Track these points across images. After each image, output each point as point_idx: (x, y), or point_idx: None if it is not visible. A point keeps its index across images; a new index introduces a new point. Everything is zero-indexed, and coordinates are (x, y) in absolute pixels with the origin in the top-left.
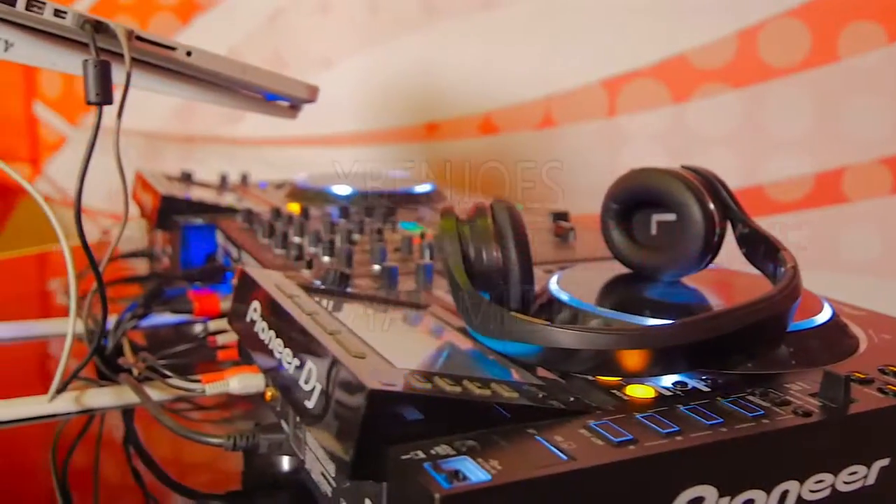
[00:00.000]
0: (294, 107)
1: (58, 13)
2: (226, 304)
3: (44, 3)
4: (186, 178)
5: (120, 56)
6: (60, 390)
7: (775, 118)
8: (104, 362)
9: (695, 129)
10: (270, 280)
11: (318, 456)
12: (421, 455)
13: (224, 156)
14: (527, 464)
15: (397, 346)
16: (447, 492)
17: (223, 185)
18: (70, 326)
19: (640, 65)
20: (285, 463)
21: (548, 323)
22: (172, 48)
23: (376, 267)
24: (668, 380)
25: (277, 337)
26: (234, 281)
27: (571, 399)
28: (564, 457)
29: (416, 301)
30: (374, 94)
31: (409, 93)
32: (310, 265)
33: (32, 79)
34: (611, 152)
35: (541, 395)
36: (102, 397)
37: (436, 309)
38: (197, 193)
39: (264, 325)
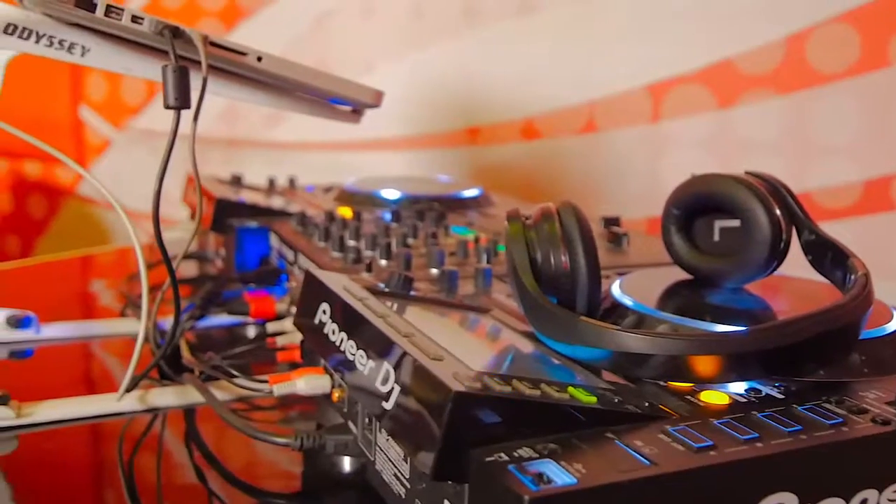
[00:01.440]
0: (357, 111)
1: (135, 19)
2: (281, 306)
3: (122, 10)
4: (236, 181)
5: (191, 60)
6: (130, 389)
7: (823, 124)
8: (166, 362)
9: (740, 134)
10: (338, 283)
11: (390, 457)
12: (504, 457)
13: (266, 159)
14: (610, 468)
15: (467, 349)
16: (535, 494)
17: (271, 188)
18: (142, 327)
19: (686, 70)
20: (346, 463)
21: (619, 328)
22: (243, 53)
23: (434, 270)
24: (739, 386)
25: (349, 339)
26: (291, 284)
27: (646, 404)
28: (647, 461)
29: (477, 305)
30: (416, 99)
31: (451, 97)
32: (369, 268)
33: (78, 83)
34: (654, 158)
35: (616, 400)
36: (167, 397)
37: (497, 312)
38: (247, 196)
39: (334, 326)
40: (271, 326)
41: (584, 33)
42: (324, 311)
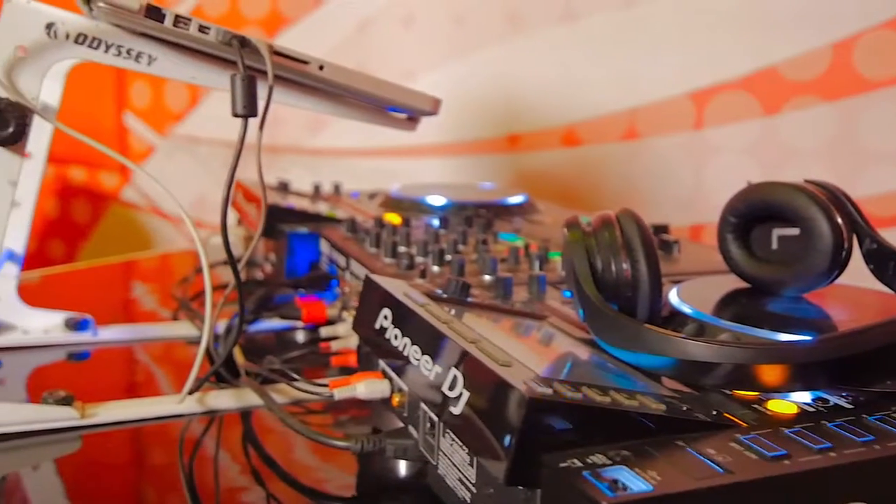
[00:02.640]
0: (412, 118)
1: (202, 29)
2: (332, 311)
3: (189, 20)
4: (283, 187)
5: (256, 69)
6: (193, 391)
7: (870, 132)
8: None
9: (786, 142)
10: (399, 288)
11: (454, 461)
12: (578, 463)
13: (307, 166)
14: (685, 476)
15: (528, 356)
16: (612, 500)
17: (317, 194)
18: (205, 331)
19: (730, 77)
20: (402, 467)
21: (686, 336)
22: (306, 62)
23: (487, 277)
24: (805, 395)
25: (413, 344)
26: (343, 289)
27: (713, 412)
28: (721, 469)
29: (534, 311)
30: (457, 106)
31: (492, 104)
32: (423, 274)
33: (123, 90)
34: (697, 165)
35: (685, 408)
36: (225, 399)
37: (554, 319)
38: (294, 202)
39: (397, 332)
40: (325, 331)
41: (626, 40)
42: (385, 317)
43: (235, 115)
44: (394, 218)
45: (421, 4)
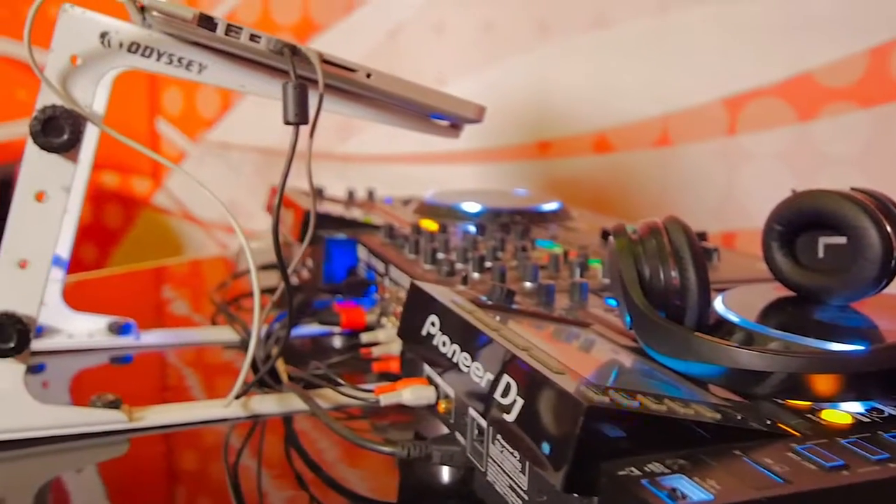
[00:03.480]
0: (456, 126)
1: (253, 38)
2: (371, 317)
3: (241, 29)
4: (317, 193)
5: (305, 77)
6: (239, 396)
7: None
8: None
9: (821, 149)
10: (446, 295)
11: (505, 469)
12: (636, 472)
13: (336, 172)
14: (745, 485)
15: (578, 363)
16: None
17: (351, 200)
18: (254, 335)
19: (764, 83)
20: (445, 474)
21: (738, 345)
22: (353, 70)
23: (528, 284)
24: (857, 405)
25: (463, 351)
26: (384, 295)
27: (768, 422)
28: (780, 479)
29: (577, 319)
30: (487, 113)
31: (523, 111)
32: (465, 281)
33: (156, 96)
34: (731, 172)
35: (739, 417)
36: (269, 404)
37: (598, 327)
38: (329, 208)
39: (445, 338)
40: (365, 336)
41: (658, 46)
42: (432, 323)
43: (287, 122)
44: (430, 224)
45: (451, 12)
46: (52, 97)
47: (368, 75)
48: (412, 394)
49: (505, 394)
